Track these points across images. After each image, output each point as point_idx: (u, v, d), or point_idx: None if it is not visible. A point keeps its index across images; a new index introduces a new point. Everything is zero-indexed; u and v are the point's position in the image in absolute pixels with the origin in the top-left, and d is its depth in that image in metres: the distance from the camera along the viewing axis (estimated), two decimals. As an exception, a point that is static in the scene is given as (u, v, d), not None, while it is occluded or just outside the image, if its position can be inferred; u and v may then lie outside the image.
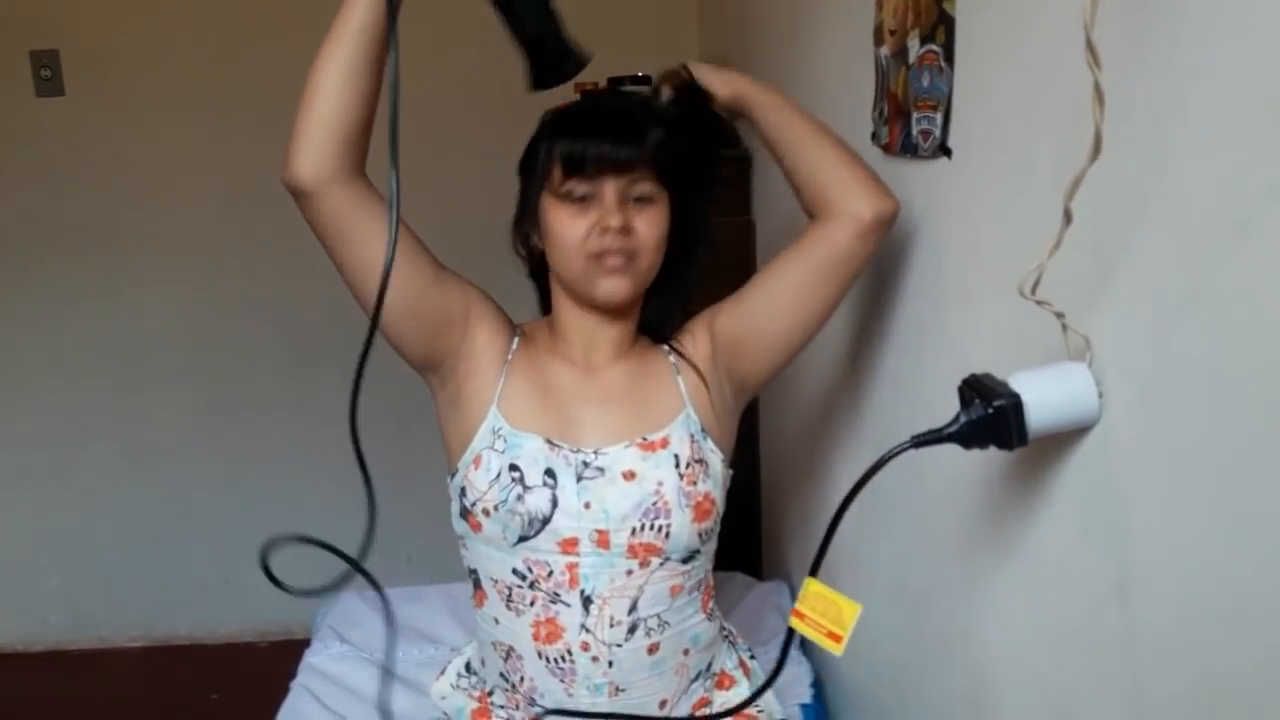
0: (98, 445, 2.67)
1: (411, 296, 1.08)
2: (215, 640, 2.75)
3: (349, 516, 0.98)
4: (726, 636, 1.31)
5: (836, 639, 0.86)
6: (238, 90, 2.48)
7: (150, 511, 2.70)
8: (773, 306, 1.17)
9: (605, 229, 1.08)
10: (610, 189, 1.09)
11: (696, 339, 1.21)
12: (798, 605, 0.89)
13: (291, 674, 1.56)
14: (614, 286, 1.10)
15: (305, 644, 1.64)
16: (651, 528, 1.10)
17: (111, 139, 2.52)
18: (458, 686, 1.31)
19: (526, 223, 1.17)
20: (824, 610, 0.88)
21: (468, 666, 1.33)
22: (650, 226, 1.10)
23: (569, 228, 1.09)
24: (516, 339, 1.19)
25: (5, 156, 2.53)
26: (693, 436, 1.15)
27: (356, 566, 0.95)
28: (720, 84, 1.19)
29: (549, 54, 1.04)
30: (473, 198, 2.28)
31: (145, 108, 2.50)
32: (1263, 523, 0.55)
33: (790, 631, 0.92)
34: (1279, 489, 0.53)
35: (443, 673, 1.36)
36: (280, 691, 1.52)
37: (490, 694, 1.25)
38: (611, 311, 1.16)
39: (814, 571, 0.89)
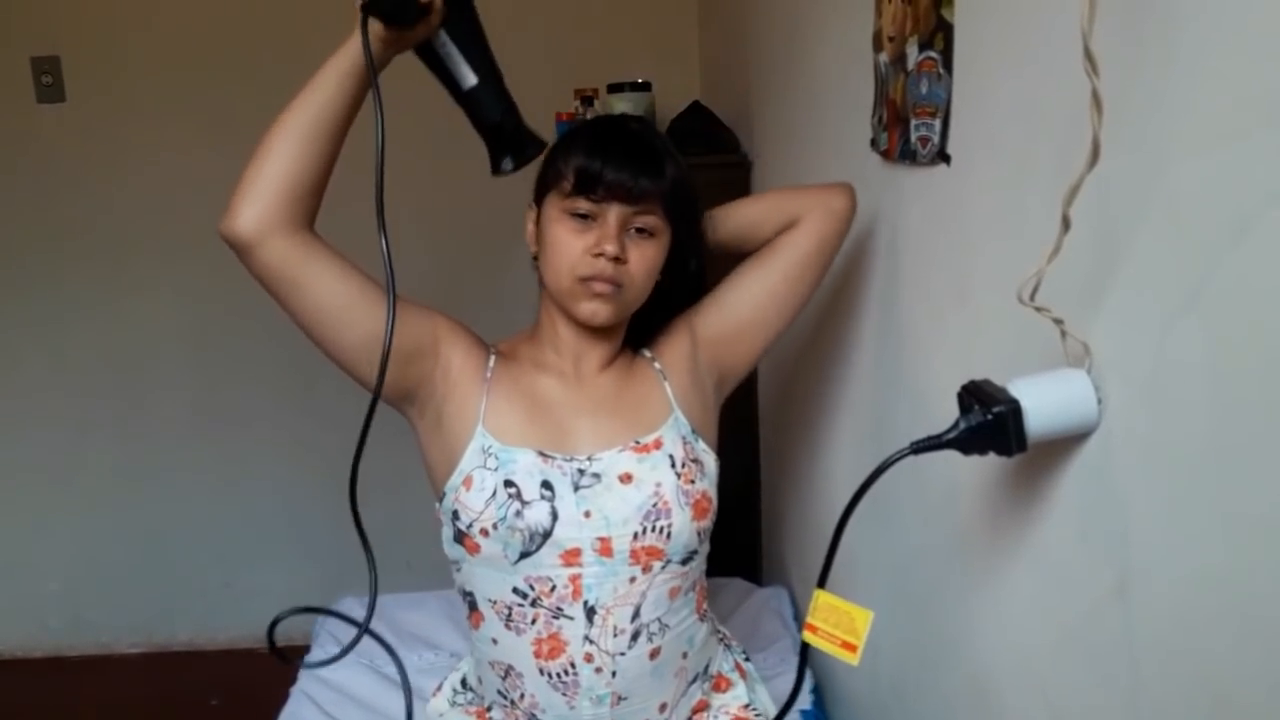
0: (98, 450, 2.67)
1: (371, 332, 1.04)
2: (215, 646, 2.75)
3: (348, 519, 0.98)
4: (721, 639, 1.31)
5: (851, 649, 0.85)
6: (238, 96, 2.48)
7: (150, 516, 2.70)
8: (759, 302, 1.23)
9: (599, 254, 1.08)
10: (614, 215, 1.09)
11: (677, 341, 1.23)
12: (809, 619, 0.88)
13: (291, 679, 1.56)
14: (595, 310, 1.11)
15: (305, 649, 1.64)
16: (654, 529, 1.10)
17: (112, 145, 2.52)
18: (454, 704, 1.31)
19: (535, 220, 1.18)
20: (836, 621, 0.86)
21: (463, 683, 1.32)
22: (644, 260, 1.11)
23: (566, 244, 1.10)
24: (493, 357, 1.18)
25: (6, 162, 2.53)
26: (684, 439, 1.16)
27: (367, 630, 1.04)
28: None
29: (509, 141, 1.10)
30: (470, 206, 2.28)
31: (146, 113, 2.51)
32: (1262, 525, 0.55)
33: (804, 648, 0.90)
34: (1278, 492, 0.54)
35: (439, 689, 1.35)
36: (279, 697, 1.52)
37: (488, 710, 1.24)
38: (600, 330, 1.17)
39: (822, 583, 0.88)
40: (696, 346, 1.22)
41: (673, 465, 1.13)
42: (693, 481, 1.13)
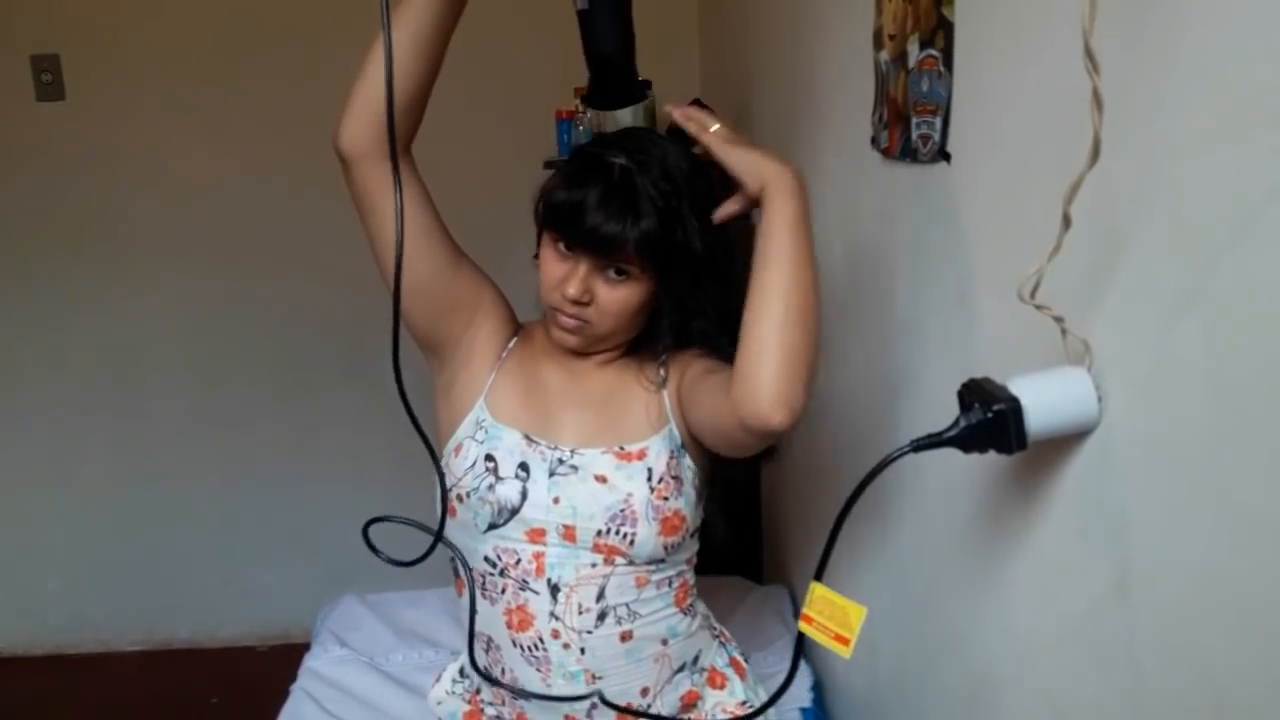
0: (97, 447, 2.67)
1: (424, 276, 1.11)
2: (215, 643, 2.75)
3: (348, 516, 0.99)
4: (716, 635, 1.31)
5: (844, 641, 0.87)
6: (238, 94, 2.48)
7: (150, 514, 2.70)
8: (699, 416, 1.13)
9: (564, 294, 1.09)
10: (584, 262, 1.09)
11: (675, 373, 1.19)
12: (805, 610, 0.90)
13: (291, 677, 1.56)
14: (563, 338, 1.14)
15: (305, 647, 1.64)
16: (617, 533, 1.12)
17: (112, 143, 2.52)
18: (452, 692, 1.33)
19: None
20: (830, 614, 0.88)
21: (461, 671, 1.34)
22: (614, 301, 1.10)
23: (547, 268, 1.12)
24: (515, 338, 1.22)
25: (6, 161, 2.53)
26: (672, 453, 1.16)
27: (442, 539, 1.08)
28: (745, 167, 1.01)
29: (609, 79, 1.07)
30: (476, 196, 2.29)
31: (145, 112, 2.51)
32: (1262, 524, 0.55)
33: (800, 637, 0.92)
34: (1278, 490, 0.54)
35: (438, 679, 1.37)
36: (280, 695, 1.52)
37: (479, 693, 1.27)
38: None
39: (819, 576, 0.89)
40: (680, 393, 1.18)
41: (649, 479, 1.13)
42: (666, 499, 1.13)
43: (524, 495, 1.13)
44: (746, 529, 2.10)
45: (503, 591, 1.15)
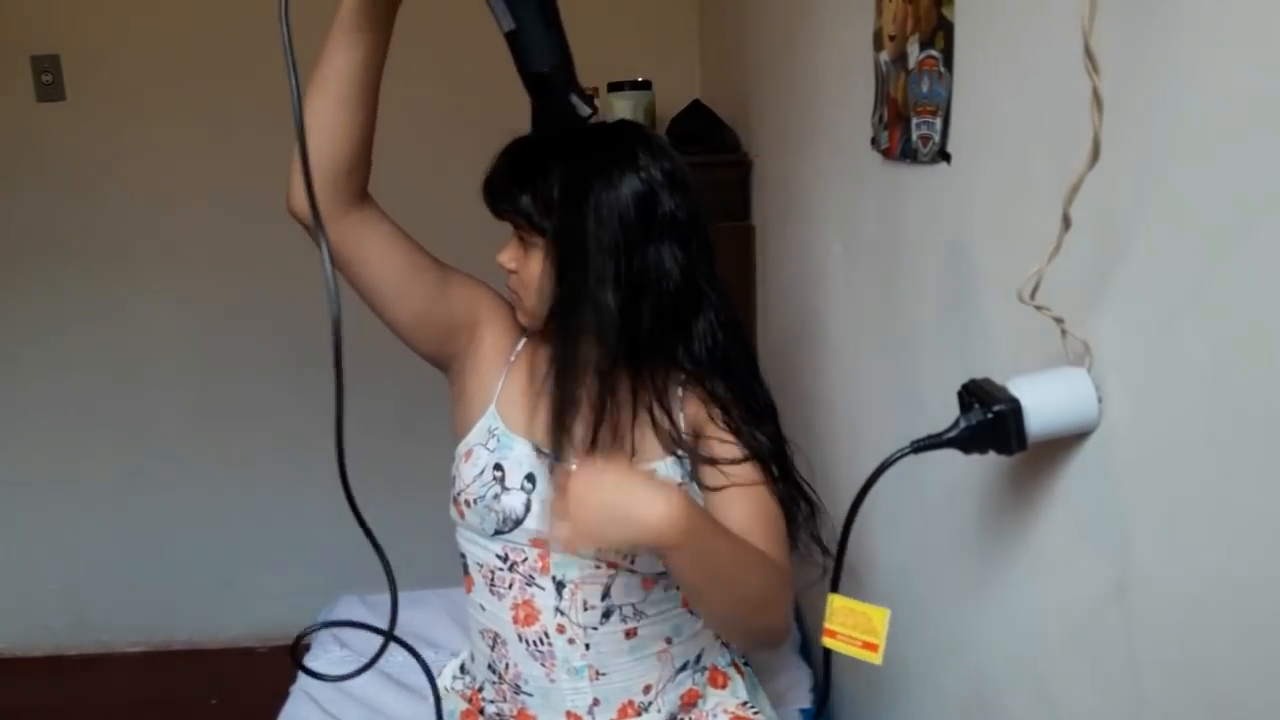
0: (97, 449, 2.67)
1: (415, 310, 1.13)
2: (215, 645, 2.75)
3: (347, 520, 0.98)
4: (719, 636, 1.31)
5: (873, 648, 0.85)
6: (238, 96, 2.48)
7: (150, 516, 2.70)
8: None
9: (497, 261, 1.15)
10: (511, 229, 1.14)
11: (692, 408, 1.16)
12: (827, 624, 0.87)
13: (291, 678, 1.56)
14: (518, 317, 1.18)
15: (305, 648, 1.64)
16: (617, 551, 1.11)
17: (112, 144, 2.52)
18: (451, 688, 1.33)
19: None
20: (854, 623, 0.85)
21: (462, 667, 1.35)
22: (529, 275, 1.12)
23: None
24: (523, 340, 1.21)
25: (6, 161, 2.53)
26: (681, 479, 1.13)
27: (394, 638, 1.01)
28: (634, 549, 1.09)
29: (551, 99, 1.03)
30: (473, 207, 2.29)
31: (146, 113, 2.51)
32: (1261, 526, 0.55)
33: (827, 654, 0.90)
34: (1277, 492, 0.53)
35: (440, 673, 1.37)
36: (280, 696, 1.52)
37: (480, 690, 1.26)
38: None
39: (834, 586, 0.87)
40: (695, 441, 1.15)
41: None
42: None
43: (528, 507, 1.12)
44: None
45: (510, 586, 1.15)
